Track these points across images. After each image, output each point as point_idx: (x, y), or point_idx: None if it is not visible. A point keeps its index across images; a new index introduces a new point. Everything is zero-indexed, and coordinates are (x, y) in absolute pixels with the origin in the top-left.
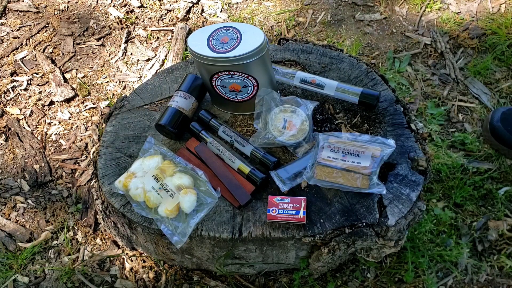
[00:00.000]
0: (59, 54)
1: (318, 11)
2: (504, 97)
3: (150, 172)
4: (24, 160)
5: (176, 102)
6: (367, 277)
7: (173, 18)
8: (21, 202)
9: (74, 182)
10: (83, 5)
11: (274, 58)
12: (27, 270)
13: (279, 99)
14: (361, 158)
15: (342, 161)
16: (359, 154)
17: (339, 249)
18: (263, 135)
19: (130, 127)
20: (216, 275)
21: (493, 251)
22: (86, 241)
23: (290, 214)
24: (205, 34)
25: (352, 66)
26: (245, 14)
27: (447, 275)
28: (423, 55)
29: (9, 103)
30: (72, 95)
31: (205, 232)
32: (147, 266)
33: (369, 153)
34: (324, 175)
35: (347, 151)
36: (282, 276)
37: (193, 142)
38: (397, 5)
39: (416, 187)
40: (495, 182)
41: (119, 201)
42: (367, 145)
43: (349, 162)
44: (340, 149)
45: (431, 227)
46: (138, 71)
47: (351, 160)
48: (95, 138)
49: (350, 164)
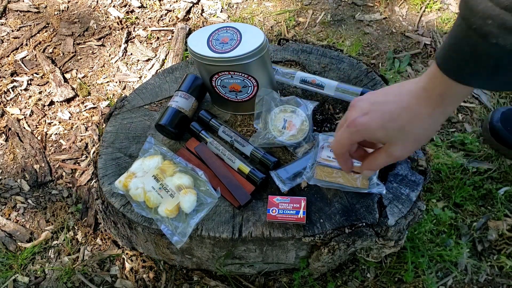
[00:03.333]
0: (59, 54)
1: (318, 11)
2: (504, 97)
3: (150, 172)
4: (24, 160)
5: (176, 102)
6: (367, 277)
7: (173, 18)
8: (21, 202)
9: (74, 182)
10: (83, 5)
11: (274, 58)
12: (27, 270)
13: (279, 99)
14: None
15: None
16: None
17: (339, 249)
18: (263, 135)
19: (130, 127)
20: (216, 275)
21: (493, 251)
22: (86, 241)
23: (290, 214)
24: (205, 34)
25: (352, 66)
26: (245, 14)
27: (447, 275)
28: (423, 55)
29: (9, 103)
30: (72, 95)
31: (205, 232)
32: (147, 266)
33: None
34: (324, 175)
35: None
36: (282, 276)
37: (193, 142)
38: (397, 5)
39: (416, 187)
40: (495, 182)
41: (119, 201)
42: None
43: None
44: None
45: (431, 227)
46: (138, 71)
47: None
48: (95, 138)
49: None
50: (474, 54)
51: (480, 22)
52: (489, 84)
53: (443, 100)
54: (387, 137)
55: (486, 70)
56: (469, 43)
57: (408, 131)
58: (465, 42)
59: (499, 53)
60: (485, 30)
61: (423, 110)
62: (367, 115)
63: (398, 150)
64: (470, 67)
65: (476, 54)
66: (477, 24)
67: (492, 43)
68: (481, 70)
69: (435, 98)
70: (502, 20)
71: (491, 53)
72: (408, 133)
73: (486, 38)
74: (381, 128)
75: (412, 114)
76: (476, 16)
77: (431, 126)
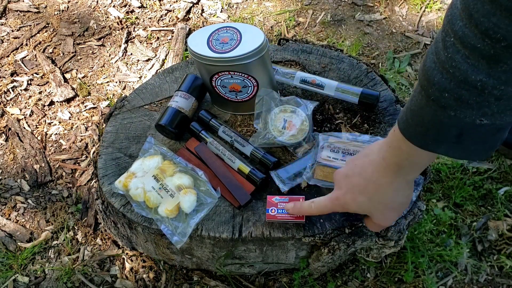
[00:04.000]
0: (59, 54)
1: (318, 11)
2: None
3: (150, 172)
4: (24, 160)
5: (176, 102)
6: (367, 277)
7: (173, 18)
8: (21, 202)
9: (74, 182)
10: (83, 5)
11: (274, 58)
12: (27, 270)
13: (279, 99)
14: None
15: (342, 161)
16: None
17: (339, 249)
18: (263, 135)
19: (130, 127)
20: (216, 275)
21: (493, 251)
22: (86, 241)
23: (289, 214)
24: (205, 34)
25: (352, 66)
26: (245, 14)
27: (447, 275)
28: (423, 55)
29: (9, 103)
30: (72, 95)
31: (205, 232)
32: (147, 266)
33: None
34: (324, 175)
35: (347, 151)
36: (282, 276)
37: (193, 142)
38: (397, 5)
39: (416, 187)
40: (495, 182)
41: (119, 201)
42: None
43: None
44: (340, 149)
45: (431, 227)
46: (138, 71)
47: None
48: (95, 138)
49: None
50: (436, 122)
51: (437, 94)
52: (454, 151)
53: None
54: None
55: (449, 138)
56: (430, 112)
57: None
58: (426, 111)
59: (460, 124)
60: (443, 102)
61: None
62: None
63: (380, 219)
64: (433, 134)
65: (437, 123)
66: (435, 96)
67: (451, 115)
68: (443, 138)
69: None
70: (458, 94)
71: (452, 124)
72: (378, 203)
73: (445, 109)
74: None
75: (376, 185)
76: (433, 88)
77: (397, 194)
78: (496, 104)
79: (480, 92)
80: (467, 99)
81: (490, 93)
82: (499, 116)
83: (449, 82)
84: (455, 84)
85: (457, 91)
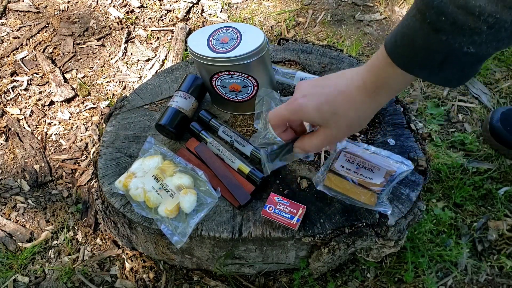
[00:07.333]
0: (59, 54)
1: (318, 11)
2: (504, 97)
3: (150, 172)
4: (24, 160)
5: (176, 102)
6: (367, 277)
7: (173, 18)
8: (21, 202)
9: (74, 182)
10: (83, 5)
11: (274, 58)
12: (27, 270)
13: (279, 99)
14: (374, 174)
15: (355, 173)
16: (373, 169)
17: (339, 249)
18: (263, 135)
19: (130, 127)
20: (216, 275)
21: (493, 251)
22: (86, 241)
23: (284, 217)
24: (205, 34)
25: (351, 66)
26: (245, 14)
27: (447, 275)
28: None
29: (9, 103)
30: (72, 95)
31: (205, 232)
32: (147, 266)
33: (383, 170)
34: (334, 183)
35: (361, 164)
36: (282, 276)
37: (193, 142)
38: (397, 5)
39: (416, 187)
40: (495, 182)
41: (119, 201)
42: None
43: (361, 176)
44: (355, 161)
45: (431, 227)
46: (138, 71)
47: (364, 174)
48: (95, 138)
49: (362, 178)
50: (426, 46)
51: (434, 18)
52: (434, 76)
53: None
54: (320, 119)
55: (432, 64)
56: (422, 36)
57: (341, 114)
58: (419, 34)
59: (447, 50)
60: (438, 25)
61: (357, 96)
62: (305, 97)
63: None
64: (420, 59)
65: (427, 47)
66: (431, 19)
67: (443, 39)
68: (428, 63)
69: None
70: (454, 19)
71: (440, 49)
72: (341, 117)
73: (437, 33)
74: (316, 110)
75: (347, 99)
76: (431, 11)
77: (364, 113)
78: (487, 34)
79: (476, 18)
80: (462, 24)
81: (485, 20)
82: (485, 46)
83: (447, 6)
84: (454, 8)
85: (455, 15)
